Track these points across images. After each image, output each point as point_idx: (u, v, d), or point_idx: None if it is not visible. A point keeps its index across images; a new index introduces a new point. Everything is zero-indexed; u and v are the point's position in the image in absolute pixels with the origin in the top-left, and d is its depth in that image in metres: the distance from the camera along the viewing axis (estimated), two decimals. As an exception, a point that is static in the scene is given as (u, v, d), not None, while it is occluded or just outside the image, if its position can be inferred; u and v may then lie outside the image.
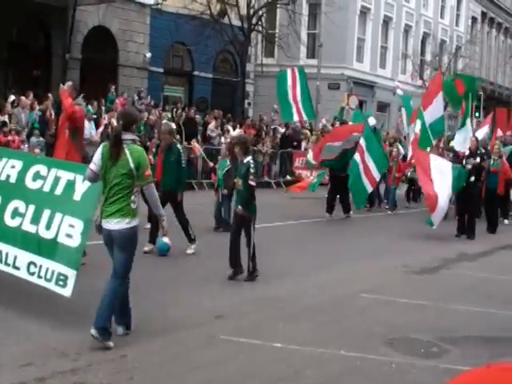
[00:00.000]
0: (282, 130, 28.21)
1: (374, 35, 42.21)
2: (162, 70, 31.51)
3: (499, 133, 23.85)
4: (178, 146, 12.80)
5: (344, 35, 38.48)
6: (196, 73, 33.46)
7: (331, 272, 11.75)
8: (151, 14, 30.31)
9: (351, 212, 19.21)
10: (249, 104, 36.66)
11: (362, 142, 18.34)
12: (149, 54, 30.00)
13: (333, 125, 28.74)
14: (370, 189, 18.97)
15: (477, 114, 46.70)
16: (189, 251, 12.28)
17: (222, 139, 25.34)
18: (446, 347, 7.88)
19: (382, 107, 43.70)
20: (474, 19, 55.57)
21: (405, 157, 22.70)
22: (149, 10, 30.20)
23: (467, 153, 17.53)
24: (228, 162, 15.14)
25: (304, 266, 12.12)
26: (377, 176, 19.07)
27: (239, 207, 10.33)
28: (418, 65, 45.50)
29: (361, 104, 28.61)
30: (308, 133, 26.95)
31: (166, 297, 9.22)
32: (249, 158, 10.38)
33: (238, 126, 26.98)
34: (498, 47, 61.04)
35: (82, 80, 26.91)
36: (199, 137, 24.57)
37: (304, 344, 7.57)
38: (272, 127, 29.09)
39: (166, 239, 11.08)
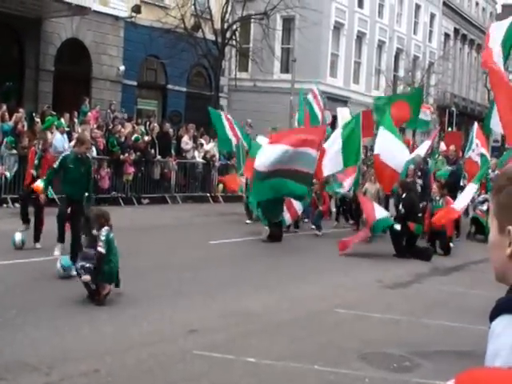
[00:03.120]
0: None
1: (347, 50, 42.56)
2: (135, 83, 31.46)
3: (442, 146, 22.92)
4: (89, 155, 12.45)
5: (318, 50, 38.75)
6: (170, 86, 33.48)
7: (305, 287, 11.78)
8: (125, 27, 30.29)
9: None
10: (222, 118, 36.75)
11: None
12: (122, 67, 29.96)
13: None
14: (288, 220, 17.81)
15: (449, 130, 47.30)
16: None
17: (196, 153, 25.37)
18: (419, 361, 7.96)
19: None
20: (446, 35, 56.29)
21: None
22: (123, 23, 30.18)
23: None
24: None
25: (276, 280, 12.14)
26: (299, 209, 17.99)
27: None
28: (392, 80, 45.95)
29: (334, 119, 28.69)
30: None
31: (138, 311, 9.20)
32: (102, 230, 9.76)
33: (212, 140, 26.99)
34: (470, 63, 61.87)
35: (55, 92, 26.84)
36: (173, 150, 24.56)
37: (278, 359, 7.60)
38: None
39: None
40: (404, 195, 16.69)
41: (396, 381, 7.29)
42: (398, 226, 16.13)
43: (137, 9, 30.28)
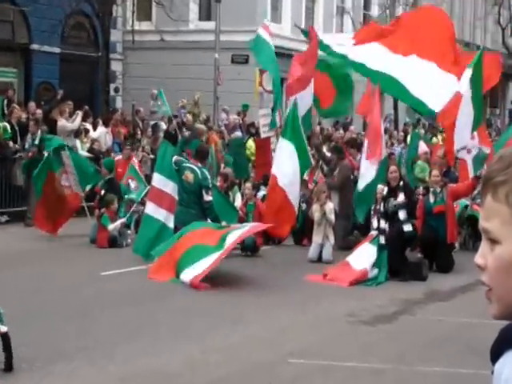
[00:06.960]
0: (165, 127, 28.11)
1: (296, -18, 42.74)
2: (-18, 44, 31.25)
3: (422, 147, 22.80)
4: None
5: (252, -16, 38.86)
6: (35, 46, 33.08)
7: (245, 329, 11.84)
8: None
9: None
10: (116, 90, 36.47)
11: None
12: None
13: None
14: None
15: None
16: None
17: (78, 143, 25.04)
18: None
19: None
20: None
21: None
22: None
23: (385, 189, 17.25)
24: None
25: (201, 323, 12.12)
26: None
27: None
28: (361, 22, 46.08)
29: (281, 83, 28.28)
30: (203, 128, 26.96)
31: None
32: None
33: (101, 123, 26.80)
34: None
35: None
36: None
37: None
38: (151, 122, 29.05)
39: None
40: (401, 183, 17.02)
41: None
42: (408, 227, 16.42)
43: None
